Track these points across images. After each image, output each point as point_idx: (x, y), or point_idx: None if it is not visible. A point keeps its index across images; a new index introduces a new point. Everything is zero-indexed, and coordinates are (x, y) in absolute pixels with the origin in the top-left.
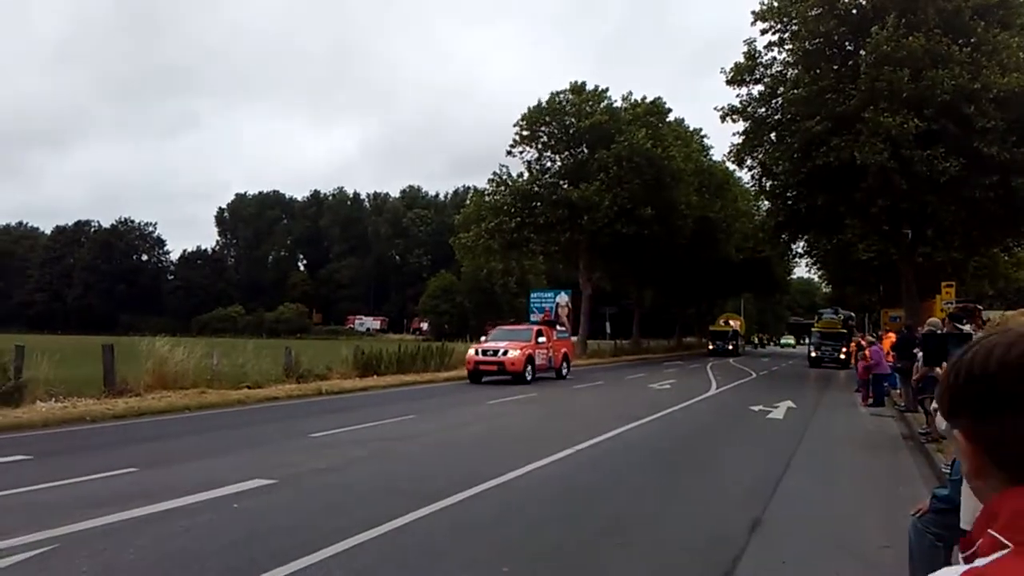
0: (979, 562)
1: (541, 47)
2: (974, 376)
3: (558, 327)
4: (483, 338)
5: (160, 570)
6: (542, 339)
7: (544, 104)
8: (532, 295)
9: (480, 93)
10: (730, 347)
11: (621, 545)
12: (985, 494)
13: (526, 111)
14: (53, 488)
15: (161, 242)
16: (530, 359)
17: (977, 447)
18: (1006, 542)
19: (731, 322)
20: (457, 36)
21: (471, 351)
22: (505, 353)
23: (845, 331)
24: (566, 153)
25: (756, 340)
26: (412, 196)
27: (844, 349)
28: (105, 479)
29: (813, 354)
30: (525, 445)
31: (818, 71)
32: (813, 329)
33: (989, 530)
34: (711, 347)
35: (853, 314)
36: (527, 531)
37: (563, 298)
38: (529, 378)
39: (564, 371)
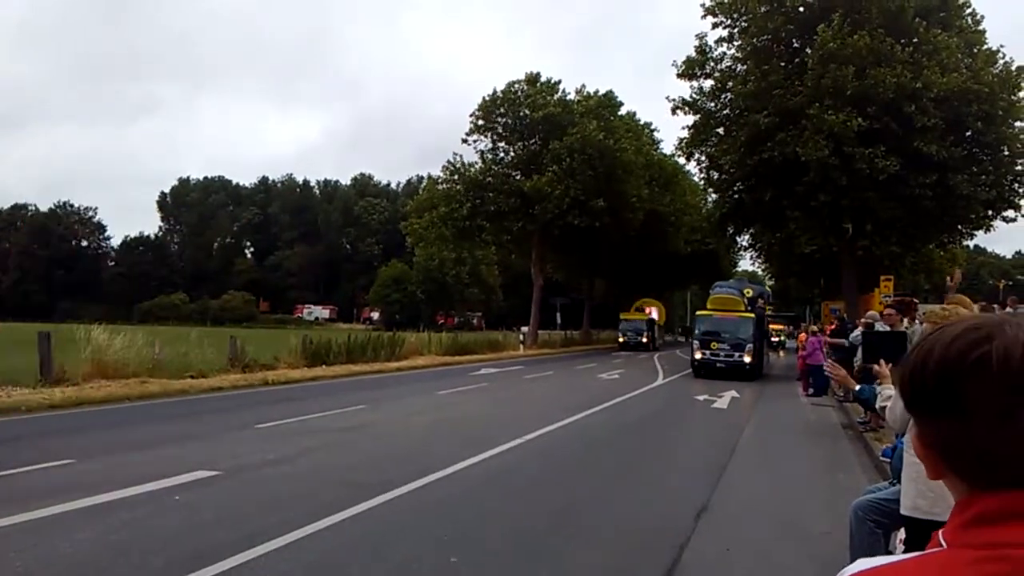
0: (895, 557)
1: (511, 41)
2: (915, 377)
3: None
4: None
5: (99, 564)
6: None
7: (500, 94)
8: None
9: (448, 85)
10: (643, 339)
11: (570, 533)
12: (953, 495)
13: (482, 100)
14: None
15: (102, 227)
16: None
17: (930, 451)
18: (943, 542)
19: (648, 309)
20: (427, 28)
21: None
22: None
23: (752, 316)
24: (519, 143)
25: None
26: (363, 184)
27: (750, 347)
28: (41, 471)
29: (697, 355)
30: (475, 435)
31: (767, 67)
32: (699, 314)
33: (939, 532)
34: (621, 339)
35: (767, 290)
36: (477, 521)
37: None
38: None
39: None
